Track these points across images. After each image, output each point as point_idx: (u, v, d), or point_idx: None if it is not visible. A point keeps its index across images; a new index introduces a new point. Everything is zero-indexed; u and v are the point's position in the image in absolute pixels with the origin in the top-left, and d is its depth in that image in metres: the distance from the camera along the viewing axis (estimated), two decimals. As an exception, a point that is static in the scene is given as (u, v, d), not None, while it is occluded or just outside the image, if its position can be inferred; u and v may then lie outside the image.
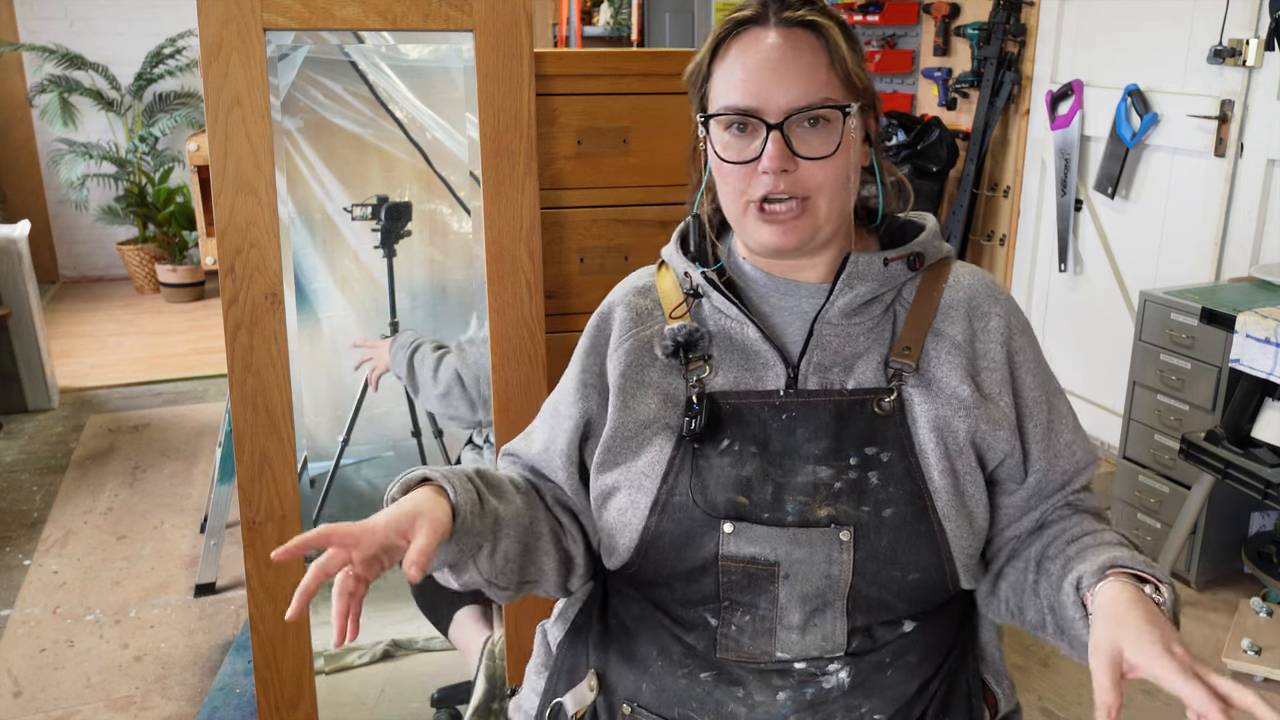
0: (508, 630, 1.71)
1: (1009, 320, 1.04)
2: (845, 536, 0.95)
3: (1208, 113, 2.91)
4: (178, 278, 5.30)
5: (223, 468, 2.50)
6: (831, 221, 0.99)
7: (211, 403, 3.88)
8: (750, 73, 0.96)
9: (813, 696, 0.97)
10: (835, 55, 0.97)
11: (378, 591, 1.79)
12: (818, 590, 0.96)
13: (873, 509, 0.95)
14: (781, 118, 0.95)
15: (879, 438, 0.97)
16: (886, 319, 1.02)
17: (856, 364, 1.00)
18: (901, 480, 0.96)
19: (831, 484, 0.96)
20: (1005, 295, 1.06)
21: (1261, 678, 2.21)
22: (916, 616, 1.00)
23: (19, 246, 3.69)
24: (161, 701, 2.16)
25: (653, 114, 1.71)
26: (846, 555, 0.95)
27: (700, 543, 0.98)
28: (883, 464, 0.96)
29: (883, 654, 0.99)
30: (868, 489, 0.96)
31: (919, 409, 0.98)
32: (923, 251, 1.03)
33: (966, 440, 0.98)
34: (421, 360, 1.70)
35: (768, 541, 0.96)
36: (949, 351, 1.00)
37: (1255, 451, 2.29)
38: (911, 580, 0.96)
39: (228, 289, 1.54)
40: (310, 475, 1.73)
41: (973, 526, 0.99)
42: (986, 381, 1.01)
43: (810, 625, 0.97)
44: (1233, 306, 2.34)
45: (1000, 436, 0.99)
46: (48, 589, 2.60)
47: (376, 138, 1.69)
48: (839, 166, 0.97)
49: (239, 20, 1.49)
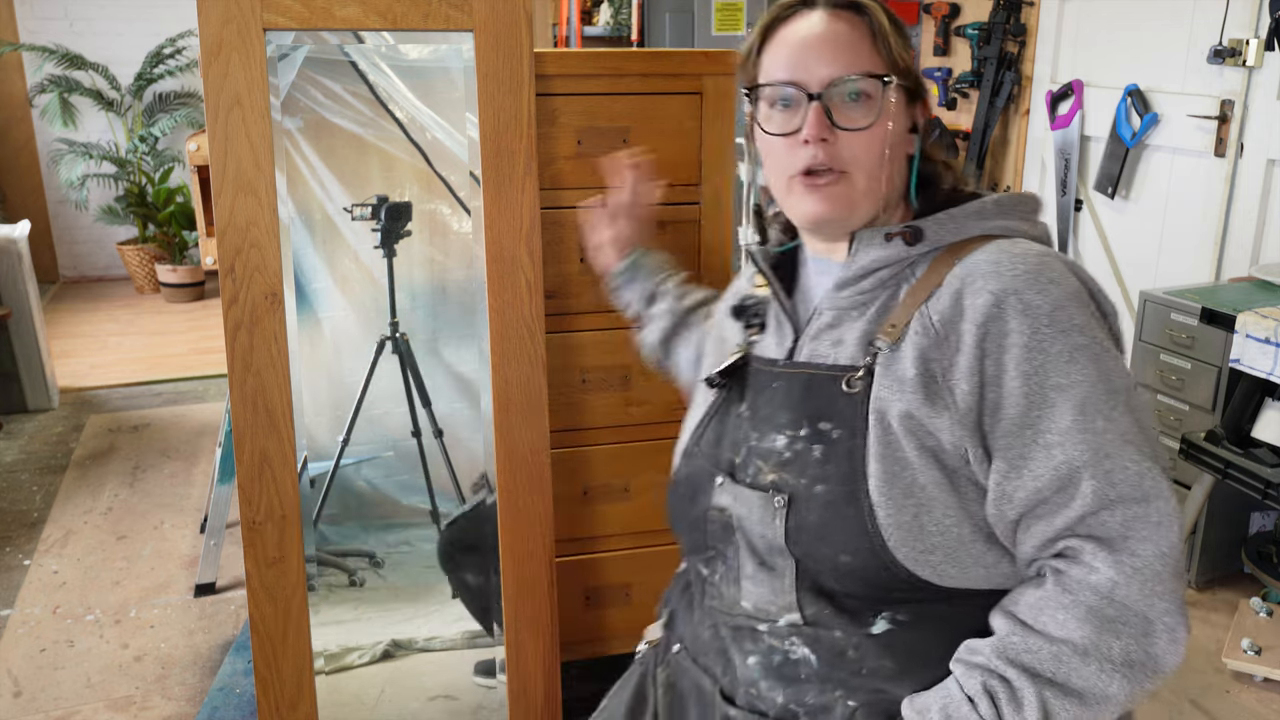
0: (508, 630, 1.72)
1: (1004, 299, 0.91)
2: (779, 503, 0.99)
3: (1208, 113, 2.91)
4: (178, 278, 5.30)
5: (223, 468, 2.50)
6: (870, 198, 1.00)
7: (211, 403, 3.88)
8: (794, 49, 1.00)
9: (780, 665, 1.00)
10: (878, 34, 1.00)
11: (378, 591, 1.79)
12: (762, 548, 1.00)
13: (808, 482, 0.98)
14: (822, 88, 0.98)
15: (835, 414, 0.98)
16: (884, 295, 1.01)
17: (846, 338, 1.01)
18: (840, 459, 0.96)
19: (783, 452, 1.00)
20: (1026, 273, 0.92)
21: (1261, 678, 2.21)
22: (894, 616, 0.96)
23: (19, 246, 3.69)
24: (161, 701, 2.16)
25: (653, 114, 1.71)
26: (779, 522, 0.98)
27: (703, 489, 1.07)
28: (830, 440, 0.97)
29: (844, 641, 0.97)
30: (809, 462, 0.98)
31: (875, 388, 0.96)
32: (920, 227, 0.99)
33: (900, 423, 0.93)
34: None
35: (732, 495, 1.03)
36: (920, 330, 0.95)
37: (1255, 451, 2.29)
38: (843, 561, 0.95)
39: (228, 289, 1.54)
40: (310, 475, 1.73)
41: (918, 521, 0.92)
42: (944, 363, 0.93)
43: (760, 577, 1.01)
44: (1233, 306, 2.34)
45: (940, 425, 0.92)
46: (48, 589, 2.60)
47: (376, 138, 1.69)
48: (877, 139, 0.99)
49: (239, 20, 1.49)
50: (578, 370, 1.78)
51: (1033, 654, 0.88)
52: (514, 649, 1.72)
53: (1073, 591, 0.87)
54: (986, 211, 1.00)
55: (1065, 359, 0.89)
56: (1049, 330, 0.90)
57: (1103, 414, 0.88)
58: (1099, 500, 0.87)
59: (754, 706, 1.01)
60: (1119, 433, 0.88)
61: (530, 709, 1.74)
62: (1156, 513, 0.87)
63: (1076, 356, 0.89)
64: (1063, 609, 0.87)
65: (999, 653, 0.89)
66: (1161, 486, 0.87)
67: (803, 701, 0.98)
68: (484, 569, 1.78)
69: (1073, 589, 0.87)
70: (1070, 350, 0.90)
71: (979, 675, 0.89)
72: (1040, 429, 0.89)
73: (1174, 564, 0.87)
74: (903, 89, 1.01)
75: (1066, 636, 0.87)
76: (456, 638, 1.82)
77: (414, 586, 1.83)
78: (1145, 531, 0.86)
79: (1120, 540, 0.87)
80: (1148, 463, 0.88)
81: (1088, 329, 0.91)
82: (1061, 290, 0.92)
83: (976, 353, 0.92)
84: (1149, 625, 0.86)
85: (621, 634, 1.94)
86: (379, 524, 1.83)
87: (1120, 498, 0.87)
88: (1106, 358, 0.91)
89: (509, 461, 1.67)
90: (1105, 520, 0.87)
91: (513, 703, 1.74)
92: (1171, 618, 0.86)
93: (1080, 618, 0.87)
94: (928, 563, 0.93)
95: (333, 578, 1.79)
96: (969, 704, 0.89)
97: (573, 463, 1.81)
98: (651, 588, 1.92)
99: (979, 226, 0.99)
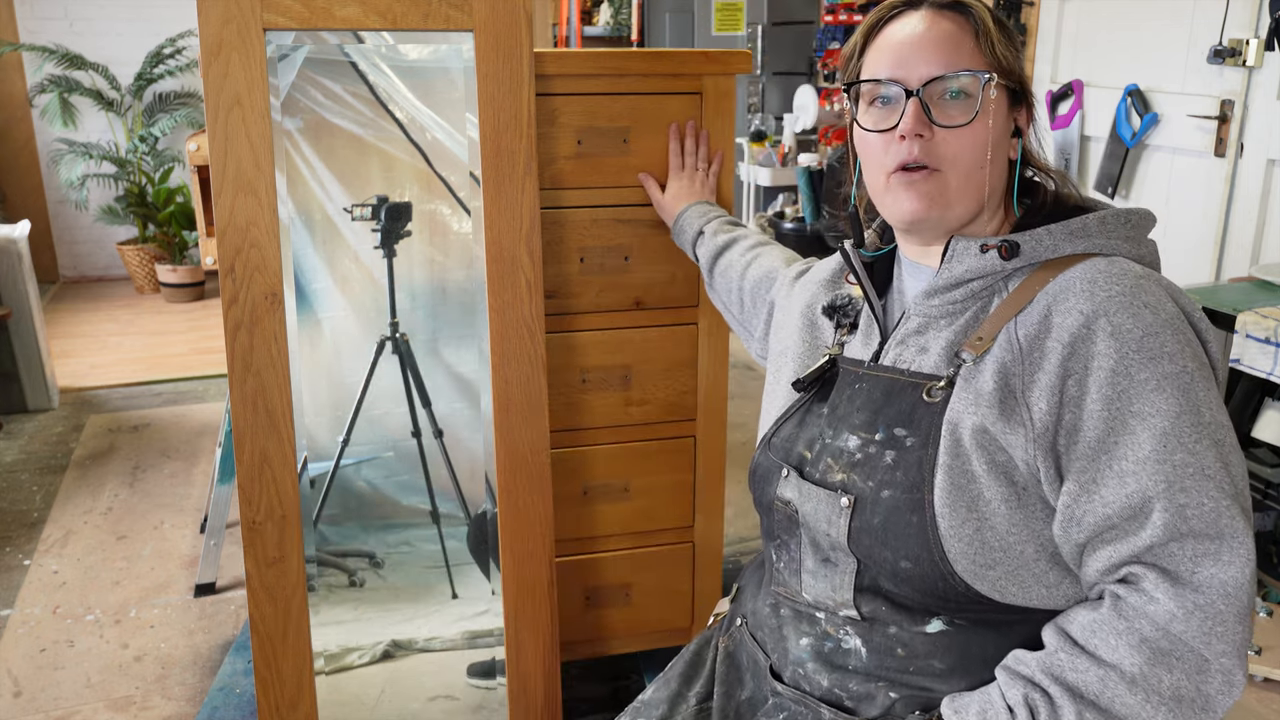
0: (507, 630, 1.72)
1: (1094, 320, 0.89)
2: (844, 503, 0.99)
3: (1208, 113, 2.91)
4: (178, 278, 5.30)
5: (223, 468, 2.50)
6: (965, 198, 0.99)
7: (211, 403, 3.88)
8: (896, 47, 1.00)
9: (830, 652, 1.03)
10: (981, 33, 0.99)
11: (378, 592, 1.79)
12: (825, 544, 1.02)
13: (875, 485, 0.98)
14: (920, 85, 0.97)
15: (913, 422, 0.98)
16: (975, 306, 1.00)
17: (931, 346, 1.01)
18: (911, 467, 0.96)
19: (854, 453, 1.01)
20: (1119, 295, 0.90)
21: (1261, 678, 2.21)
22: (949, 618, 0.97)
23: (19, 246, 3.69)
24: (161, 701, 2.16)
25: (653, 114, 1.71)
26: (843, 521, 0.99)
27: (772, 480, 1.09)
28: (904, 447, 0.97)
29: (895, 639, 0.99)
30: (879, 466, 0.98)
31: (952, 400, 0.96)
32: (1018, 242, 0.96)
33: (972, 437, 0.93)
34: None
35: (798, 489, 1.05)
36: (1004, 344, 0.94)
37: (1255, 451, 2.30)
38: (904, 568, 0.95)
39: (228, 289, 1.54)
40: (310, 475, 1.73)
41: (980, 535, 0.92)
42: (1025, 379, 0.92)
43: (820, 573, 1.03)
44: (1233, 306, 2.35)
45: (1013, 441, 0.92)
46: (48, 589, 2.60)
47: (376, 138, 1.69)
48: (976, 137, 0.97)
49: (239, 20, 1.49)
50: (578, 370, 1.78)
51: (1079, 673, 0.87)
52: (514, 649, 1.72)
53: (1129, 618, 0.86)
54: (1089, 229, 0.97)
55: (1152, 387, 0.87)
56: (1138, 356, 0.88)
57: (1185, 446, 0.86)
58: (1169, 532, 0.85)
59: (799, 686, 1.05)
60: (1199, 467, 0.85)
61: (530, 709, 1.74)
62: (1228, 551, 0.84)
63: (1164, 385, 0.87)
64: (1116, 634, 0.86)
65: (1045, 668, 0.89)
66: (1237, 526, 0.85)
67: (846, 688, 1.01)
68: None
69: (1129, 616, 0.86)
70: (1158, 379, 0.87)
71: (1021, 686, 0.90)
72: (1116, 455, 0.87)
73: (1239, 606, 0.84)
74: (1005, 89, 0.99)
75: (1116, 662, 0.86)
76: (456, 638, 1.82)
77: (414, 587, 1.83)
78: (1213, 569, 0.84)
79: (1186, 574, 0.85)
80: (1226, 500, 0.85)
81: (1179, 357, 0.88)
82: (1155, 316, 0.89)
83: (1060, 371, 0.90)
84: (1204, 664, 0.84)
85: (621, 634, 1.94)
86: (379, 524, 1.83)
87: (1191, 532, 0.85)
88: (1197, 389, 0.88)
89: (509, 461, 1.67)
90: (1174, 552, 0.85)
91: (513, 703, 1.74)
92: (1229, 659, 0.84)
93: (1133, 645, 0.85)
94: (987, 578, 0.93)
95: (333, 578, 1.78)
96: (1008, 713, 0.89)
97: (573, 463, 1.81)
98: (651, 588, 1.92)
99: (1079, 244, 0.97)
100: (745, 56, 1.74)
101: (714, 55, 1.71)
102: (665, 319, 1.80)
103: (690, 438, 1.86)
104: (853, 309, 1.14)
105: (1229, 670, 0.85)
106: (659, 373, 1.81)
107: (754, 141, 4.15)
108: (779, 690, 1.06)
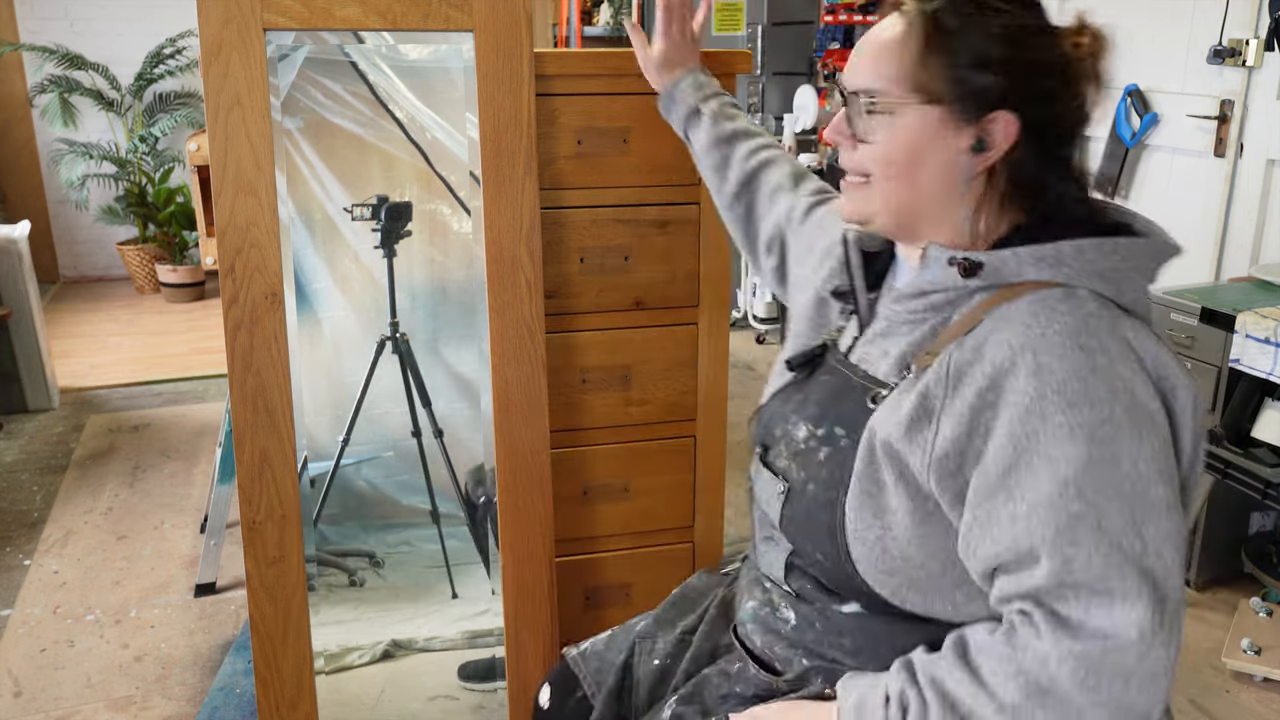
0: (507, 632, 1.72)
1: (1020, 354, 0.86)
2: (779, 489, 1.04)
3: (1208, 113, 2.91)
4: (178, 278, 5.30)
5: (223, 468, 2.50)
6: (890, 210, 0.98)
7: (211, 403, 3.88)
8: (858, 47, 1.01)
9: (766, 617, 1.10)
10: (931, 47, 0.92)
11: (378, 591, 1.80)
12: (766, 523, 1.09)
13: (804, 479, 1.02)
14: (850, 93, 0.98)
15: (852, 425, 0.99)
16: (935, 319, 0.97)
17: (891, 351, 1.01)
18: (835, 467, 0.99)
19: (799, 444, 1.04)
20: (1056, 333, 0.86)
21: (1261, 677, 2.21)
22: (867, 604, 0.99)
23: (19, 246, 3.69)
24: (161, 701, 2.16)
25: (653, 114, 1.71)
26: (777, 505, 1.04)
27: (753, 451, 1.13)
28: (838, 447, 1.00)
29: (817, 614, 1.04)
30: (813, 461, 1.02)
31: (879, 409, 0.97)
32: (982, 261, 0.92)
33: (882, 448, 0.93)
34: None
35: (756, 468, 1.11)
36: (938, 365, 0.92)
37: (1255, 451, 2.30)
38: (818, 559, 1.01)
39: (228, 289, 1.54)
40: (310, 475, 1.73)
41: (882, 543, 0.93)
42: (942, 401, 0.90)
43: (765, 548, 1.10)
44: (1233, 306, 2.35)
45: (912, 460, 0.91)
46: (48, 589, 2.60)
47: (376, 138, 1.69)
48: (889, 157, 0.96)
49: (239, 20, 1.49)
50: (578, 370, 1.78)
51: (955, 684, 0.86)
52: (514, 649, 1.72)
53: (1015, 648, 0.84)
54: (1062, 257, 0.90)
55: (1064, 434, 0.82)
56: (1056, 399, 0.83)
57: (1084, 497, 0.81)
58: (1055, 580, 0.82)
59: (743, 643, 1.14)
60: (1095, 521, 0.81)
61: (531, 709, 1.74)
62: (1120, 609, 0.80)
63: (1076, 433, 0.82)
64: (999, 660, 0.84)
65: (927, 669, 0.89)
66: (1128, 587, 0.80)
67: (773, 650, 1.08)
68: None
69: (1016, 646, 0.84)
70: (1071, 425, 0.82)
71: (903, 680, 0.91)
72: (1014, 495, 0.84)
73: (1123, 665, 0.79)
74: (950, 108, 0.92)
75: (994, 688, 0.84)
76: (456, 638, 1.82)
77: (414, 586, 1.83)
78: (1099, 623, 0.80)
79: (1073, 619, 0.81)
80: (1118, 558, 0.80)
81: (1104, 405, 0.82)
82: (1087, 360, 0.84)
83: (976, 401, 0.87)
84: (1079, 713, 0.80)
85: (621, 634, 1.94)
86: (379, 524, 1.83)
87: (1078, 584, 0.81)
88: (1121, 441, 0.82)
89: (509, 461, 1.67)
90: (1064, 596, 0.82)
91: (513, 703, 1.74)
92: (1102, 716, 0.80)
93: (1010, 675, 0.83)
94: (888, 584, 0.95)
95: (333, 578, 1.79)
96: (884, 703, 0.91)
97: (573, 463, 1.81)
98: (651, 587, 1.92)
99: (1044, 272, 0.90)
100: (745, 56, 1.74)
101: (714, 55, 1.71)
102: (665, 319, 1.80)
103: (690, 438, 1.86)
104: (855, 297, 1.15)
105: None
106: (659, 373, 1.81)
107: (754, 141, 4.15)
108: (728, 643, 1.16)
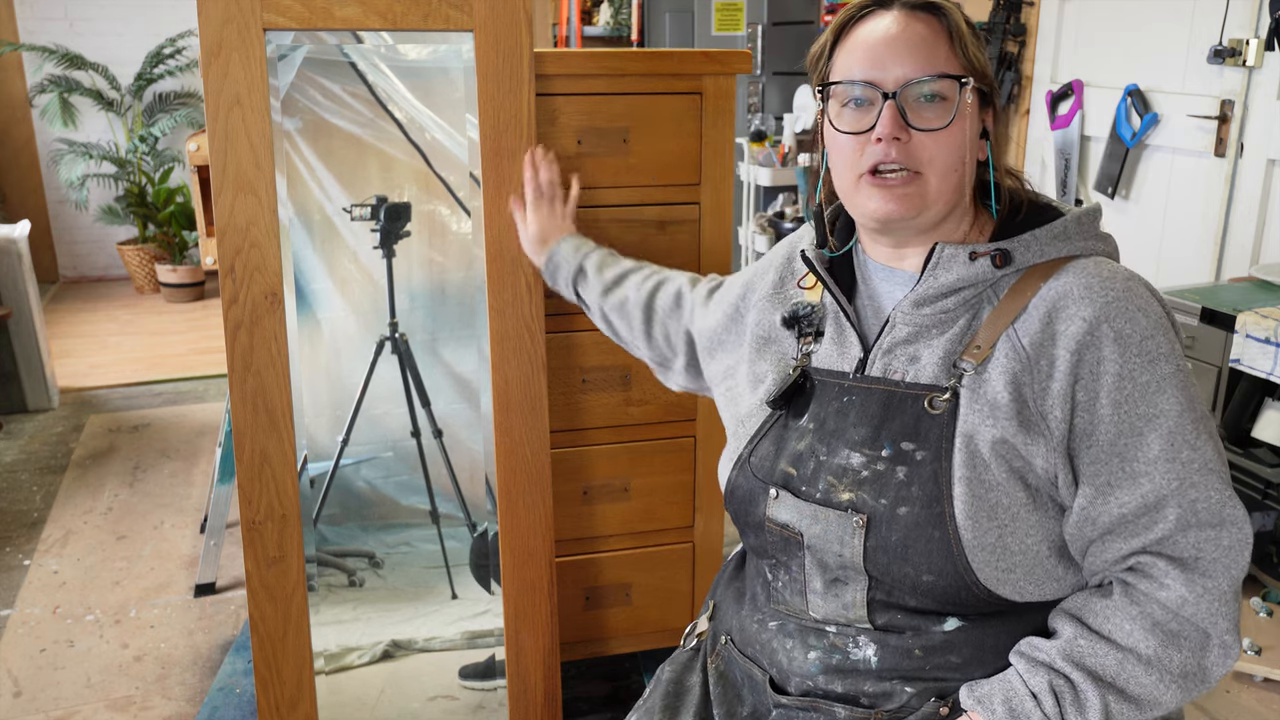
0: (507, 630, 1.72)
1: (1098, 327, 0.93)
2: (858, 523, 0.98)
3: (1208, 113, 2.91)
4: (178, 278, 5.30)
5: (223, 468, 2.50)
6: (942, 200, 0.99)
7: (211, 403, 3.88)
8: (870, 48, 0.99)
9: (839, 663, 1.02)
10: (955, 35, 0.99)
11: (378, 591, 1.79)
12: (834, 565, 1.00)
13: (890, 503, 0.97)
14: (897, 88, 0.97)
15: (920, 435, 0.97)
16: (965, 314, 1.00)
17: (923, 356, 1.00)
18: (926, 481, 0.96)
19: (860, 471, 0.99)
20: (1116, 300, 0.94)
21: (1261, 678, 2.21)
22: (964, 616, 0.98)
23: (19, 246, 3.69)
24: (161, 701, 2.16)
25: (653, 114, 1.71)
26: (858, 541, 0.98)
27: (757, 501, 1.06)
28: (914, 461, 0.97)
29: (912, 641, 0.99)
30: (890, 483, 0.97)
31: (962, 411, 0.96)
32: (1009, 250, 0.98)
33: (991, 449, 0.94)
34: None
35: (797, 511, 1.02)
36: (1008, 354, 0.95)
37: (1255, 451, 2.30)
38: (926, 581, 0.96)
39: (228, 289, 1.54)
40: (310, 475, 1.73)
41: (1002, 542, 0.94)
42: (1036, 388, 0.94)
43: (830, 593, 1.02)
44: (1233, 306, 2.35)
45: (1034, 450, 0.94)
46: (48, 589, 2.60)
47: (376, 138, 1.69)
48: (953, 141, 0.98)
49: (239, 20, 1.49)
50: (578, 370, 1.78)
51: (1098, 658, 0.92)
52: (514, 649, 1.72)
53: (1140, 604, 0.92)
54: (1069, 232, 1.00)
55: (1154, 389, 0.92)
56: (1139, 360, 0.92)
57: (1189, 443, 0.92)
58: (1180, 526, 0.91)
59: (810, 694, 1.04)
60: (1203, 461, 0.92)
61: (530, 709, 1.75)
62: (1229, 538, 0.91)
63: (1164, 386, 0.92)
64: (1130, 619, 0.92)
65: (1065, 654, 0.92)
66: (1238, 514, 0.91)
67: (861, 689, 1.01)
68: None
69: (1140, 601, 0.92)
70: (1158, 380, 0.92)
71: (1044, 673, 0.92)
72: (1128, 458, 0.92)
73: (1238, 585, 0.92)
74: (978, 92, 1.00)
75: (1132, 645, 0.91)
76: (456, 638, 1.82)
77: (414, 587, 1.83)
78: (1217, 554, 0.91)
79: (1194, 561, 0.91)
80: (1228, 490, 0.92)
81: (1173, 356, 0.93)
82: (1148, 319, 0.94)
83: (1070, 379, 0.93)
84: (1206, 640, 0.91)
85: (621, 634, 1.94)
86: (379, 524, 1.83)
87: (1199, 523, 0.91)
88: (1190, 386, 0.93)
89: (509, 461, 1.67)
90: (1180, 542, 0.91)
91: (513, 703, 1.74)
92: (1230, 635, 0.91)
93: (1147, 629, 0.91)
94: (1008, 581, 0.95)
95: (333, 578, 1.79)
96: (1032, 700, 0.92)
97: (573, 463, 1.81)
98: (651, 588, 1.92)
99: (1061, 248, 0.99)
100: (745, 56, 1.74)
101: (714, 55, 1.71)
102: (665, 319, 1.80)
103: (690, 438, 1.86)
104: (816, 316, 1.11)
105: (1229, 645, 0.92)
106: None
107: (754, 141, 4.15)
108: (783, 702, 1.05)
